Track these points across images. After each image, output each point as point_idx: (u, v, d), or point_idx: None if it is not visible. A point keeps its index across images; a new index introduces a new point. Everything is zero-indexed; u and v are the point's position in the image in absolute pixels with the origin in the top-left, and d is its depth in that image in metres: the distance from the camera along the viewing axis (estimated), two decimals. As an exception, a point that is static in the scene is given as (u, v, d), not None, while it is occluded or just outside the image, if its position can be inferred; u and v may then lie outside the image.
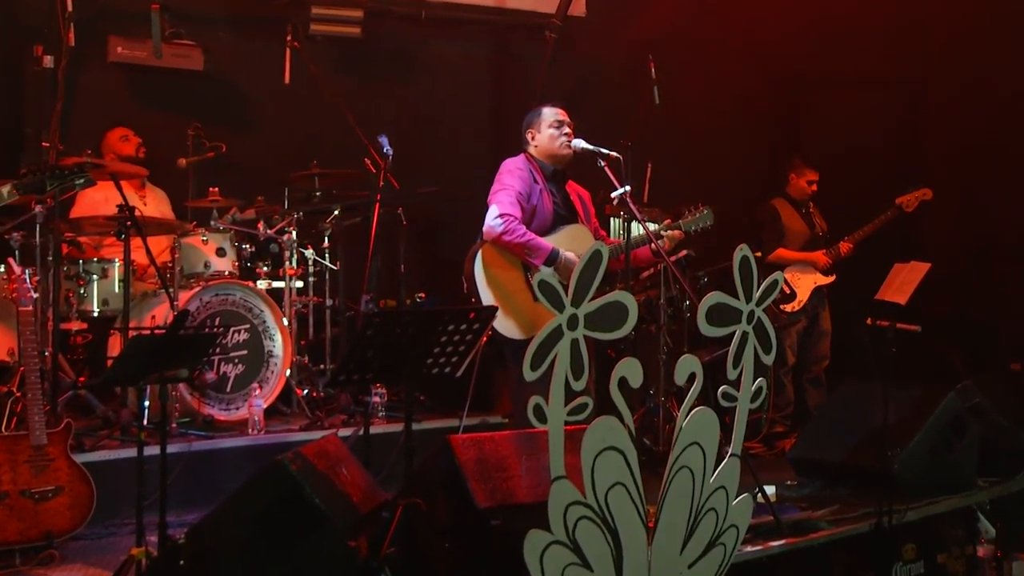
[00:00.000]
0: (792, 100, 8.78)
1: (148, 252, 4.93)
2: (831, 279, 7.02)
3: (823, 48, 8.16)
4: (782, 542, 4.26)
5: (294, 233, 6.18)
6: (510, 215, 4.75)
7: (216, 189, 6.05)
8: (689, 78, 7.98)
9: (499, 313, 4.51)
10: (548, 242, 4.81)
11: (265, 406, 5.52)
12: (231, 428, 5.45)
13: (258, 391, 5.51)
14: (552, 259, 4.76)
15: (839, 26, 8.03)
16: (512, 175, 4.92)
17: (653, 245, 4.93)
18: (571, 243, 4.88)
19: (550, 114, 5.06)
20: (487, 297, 4.73)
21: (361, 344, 3.53)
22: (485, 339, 4.23)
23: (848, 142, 8.11)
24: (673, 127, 7.91)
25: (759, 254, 6.93)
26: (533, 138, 5.08)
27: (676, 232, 5.07)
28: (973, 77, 7.68)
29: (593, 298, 3.15)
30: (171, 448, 4.57)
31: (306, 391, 6.01)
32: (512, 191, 4.84)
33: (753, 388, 3.55)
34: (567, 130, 5.02)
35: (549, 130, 5.03)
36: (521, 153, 5.11)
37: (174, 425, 5.24)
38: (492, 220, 4.76)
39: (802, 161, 7.20)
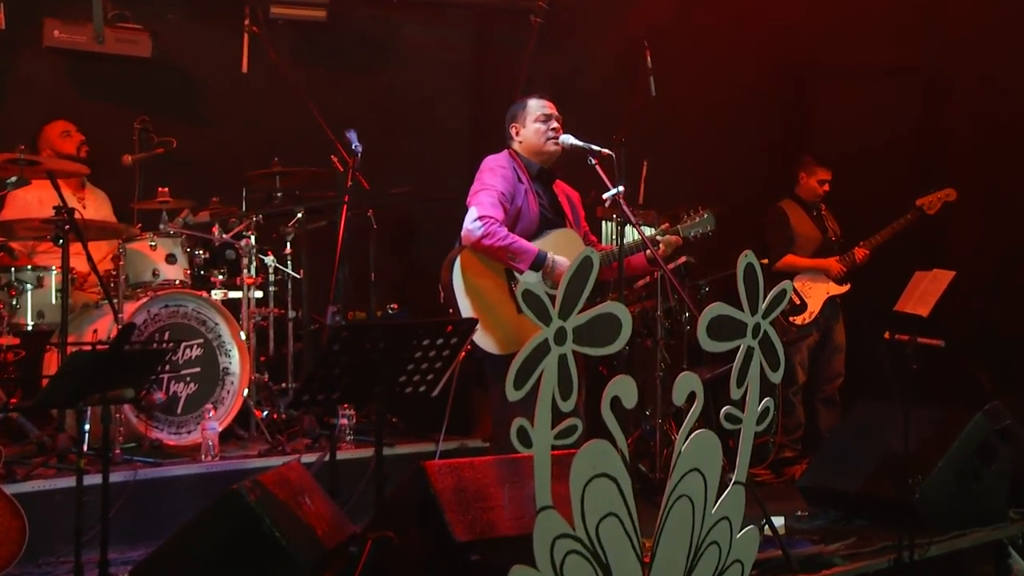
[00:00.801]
0: (801, 92, 8.84)
1: (89, 259, 4.89)
2: (845, 289, 7.06)
3: (833, 35, 8.22)
4: (792, 579, 4.27)
5: (253, 238, 6.18)
6: (491, 217, 4.76)
7: (166, 189, 6.04)
8: (689, 68, 8.02)
9: (479, 326, 4.52)
10: (535, 244, 4.83)
11: (220, 429, 5.51)
12: (182, 454, 5.43)
13: (212, 413, 5.50)
14: (539, 263, 4.78)
15: (850, 11, 8.08)
16: (494, 174, 4.94)
17: (649, 251, 4.95)
18: (559, 249, 4.90)
19: (536, 107, 5.08)
20: (466, 308, 4.74)
21: (327, 360, 3.53)
22: (464, 354, 4.25)
23: (863, 138, 8.16)
24: (671, 122, 7.95)
25: (766, 261, 6.92)
26: (517, 133, 5.10)
27: (674, 237, 5.09)
28: (999, 64, 7.73)
29: (583, 309, 3.16)
30: (114, 477, 4.54)
31: (266, 413, 6.00)
32: (494, 191, 4.86)
33: (759, 409, 3.57)
34: (555, 124, 5.04)
35: (535, 124, 5.05)
36: (504, 150, 5.12)
37: (118, 451, 5.21)
38: (471, 223, 4.78)
39: (813, 159, 7.25)
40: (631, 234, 4.86)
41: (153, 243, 5.81)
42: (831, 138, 8.37)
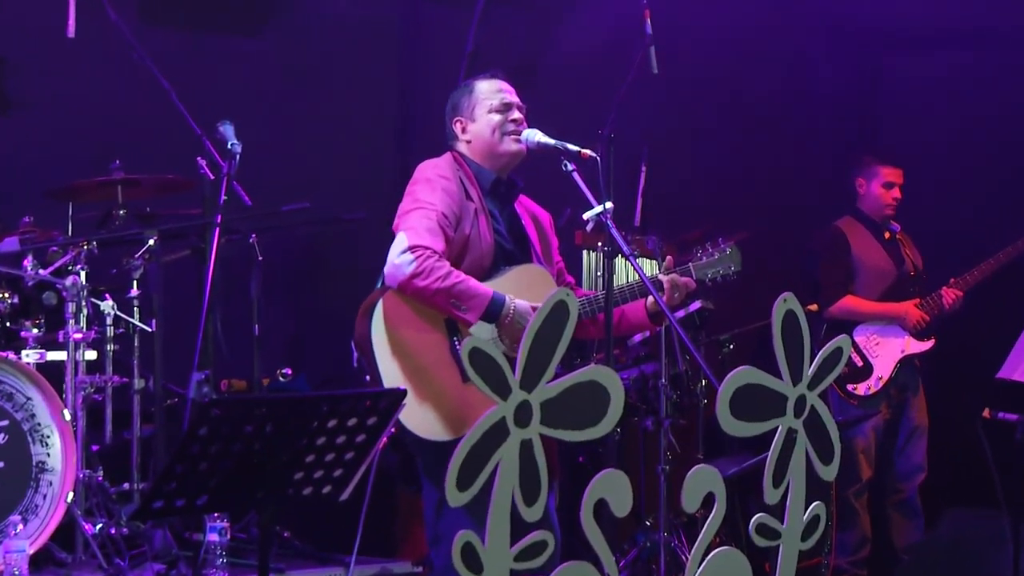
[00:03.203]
0: (863, 70, 8.94)
1: None
2: (928, 345, 7.14)
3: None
4: None
5: (83, 275, 6.16)
6: (427, 248, 4.76)
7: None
8: (703, 35, 8.12)
9: (409, 399, 4.52)
10: (486, 285, 4.84)
11: (32, 551, 5.46)
12: (-25, 589, 5.37)
13: (20, 528, 5.45)
14: (494, 311, 4.78)
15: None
16: (431, 186, 4.94)
17: (650, 301, 4.99)
18: (522, 292, 4.89)
19: (488, 91, 5.10)
20: (390, 374, 4.73)
21: (189, 450, 3.52)
22: (386, 440, 4.25)
23: (950, 132, 8.28)
24: (680, 110, 8.03)
25: (815, 307, 7.04)
26: (464, 130, 5.12)
27: (684, 279, 5.09)
28: None
29: (556, 376, 3.20)
30: None
31: (100, 526, 5.96)
32: (431, 211, 4.86)
33: (806, 518, 3.60)
34: (515, 115, 5.07)
35: (488, 116, 5.06)
36: (447, 153, 5.15)
37: None
38: (399, 256, 4.77)
39: (874, 157, 7.33)
40: (624, 271, 4.90)
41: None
42: (908, 133, 8.49)
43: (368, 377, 4.77)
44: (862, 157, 7.38)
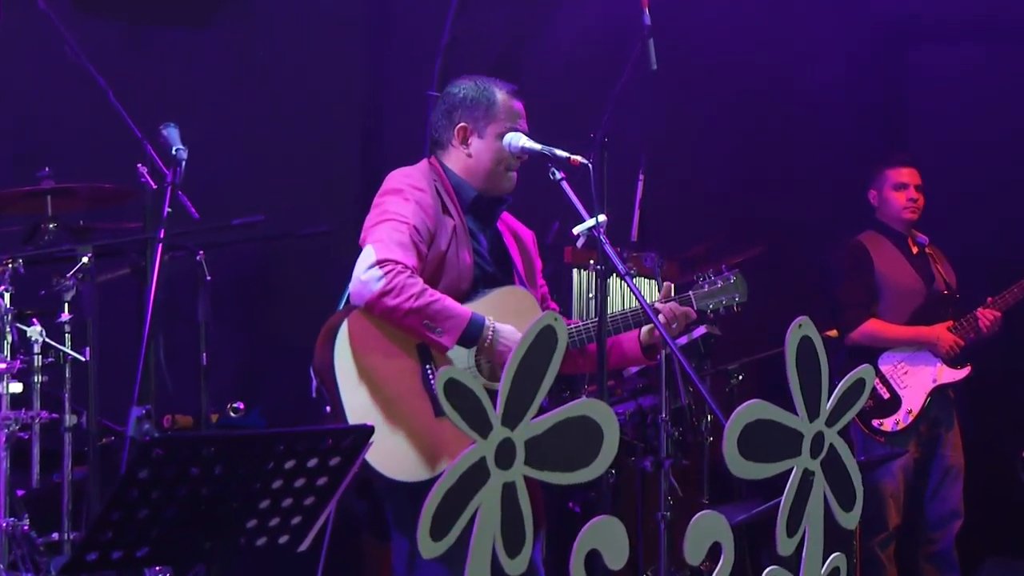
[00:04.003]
0: (885, 66, 8.96)
1: None
2: (963, 373, 7.14)
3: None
4: None
5: (7, 297, 6.14)
6: (397, 263, 4.76)
7: None
8: (707, 28, 8.14)
9: (376, 435, 4.52)
10: (466, 307, 4.84)
11: (-51, 611, 5.44)
12: None
13: (-63, 583, 5.44)
14: (473, 333, 4.78)
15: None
16: (403, 198, 4.94)
17: (643, 333, 4.99)
18: (504, 316, 4.91)
19: (508, 113, 5.03)
20: (355, 406, 4.72)
21: (128, 495, 3.52)
22: (350, 483, 4.24)
23: (984, 134, 8.29)
24: (681, 112, 8.04)
25: (835, 333, 7.04)
26: (465, 140, 5.10)
27: (684, 309, 5.09)
28: None
29: (542, 411, 3.19)
30: None
31: (26, 583, 5.95)
32: (403, 224, 4.86)
33: (824, 572, 3.60)
34: (523, 143, 5.07)
35: (498, 145, 5.01)
36: (422, 160, 5.15)
37: None
38: (366, 271, 4.76)
39: (881, 162, 7.32)
40: (619, 292, 4.90)
41: None
42: (937, 135, 8.51)
43: (328, 408, 4.76)
44: (876, 164, 7.39)
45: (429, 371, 4.81)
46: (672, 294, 5.16)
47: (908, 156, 7.40)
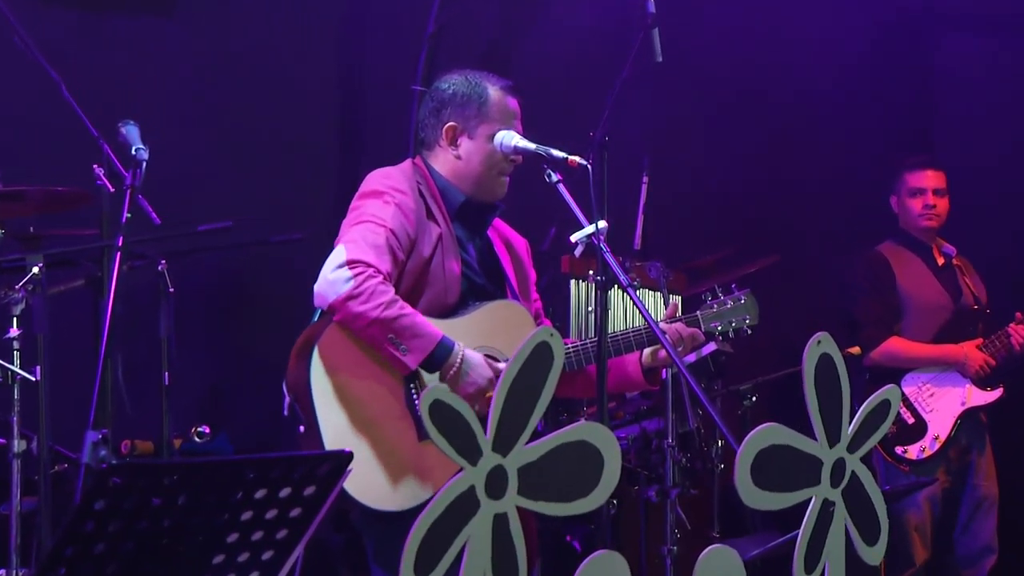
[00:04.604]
0: (913, 58, 8.98)
1: None
2: (995, 395, 7.16)
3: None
4: None
5: (-50, 310, 6.15)
6: (368, 265, 4.74)
7: None
8: (718, 15, 8.15)
9: (355, 460, 4.50)
10: (437, 327, 4.82)
11: None
12: None
13: None
14: (438, 358, 4.77)
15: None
16: (382, 201, 4.93)
17: (646, 356, 5.00)
18: (493, 333, 4.91)
19: (501, 112, 5.07)
20: (332, 427, 4.72)
21: (82, 528, 3.50)
22: (327, 515, 4.23)
23: (1015, 132, 8.31)
24: (688, 109, 8.05)
25: (857, 350, 7.04)
26: (455, 140, 5.10)
27: (692, 330, 5.10)
28: None
29: (536, 436, 3.18)
30: None
31: (-29, 623, 5.94)
32: (380, 227, 4.85)
33: (845, 611, 3.60)
34: (516, 142, 5.06)
35: (490, 146, 5.04)
36: (406, 160, 5.15)
37: None
38: (333, 271, 4.75)
39: (905, 165, 7.32)
40: (621, 306, 4.88)
41: None
42: (971, 135, 8.52)
43: (302, 428, 4.76)
44: (897, 168, 7.40)
45: (413, 390, 4.82)
46: (679, 313, 5.17)
47: (927, 158, 7.43)
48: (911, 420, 7.03)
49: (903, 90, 8.97)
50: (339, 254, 4.78)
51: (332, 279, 4.74)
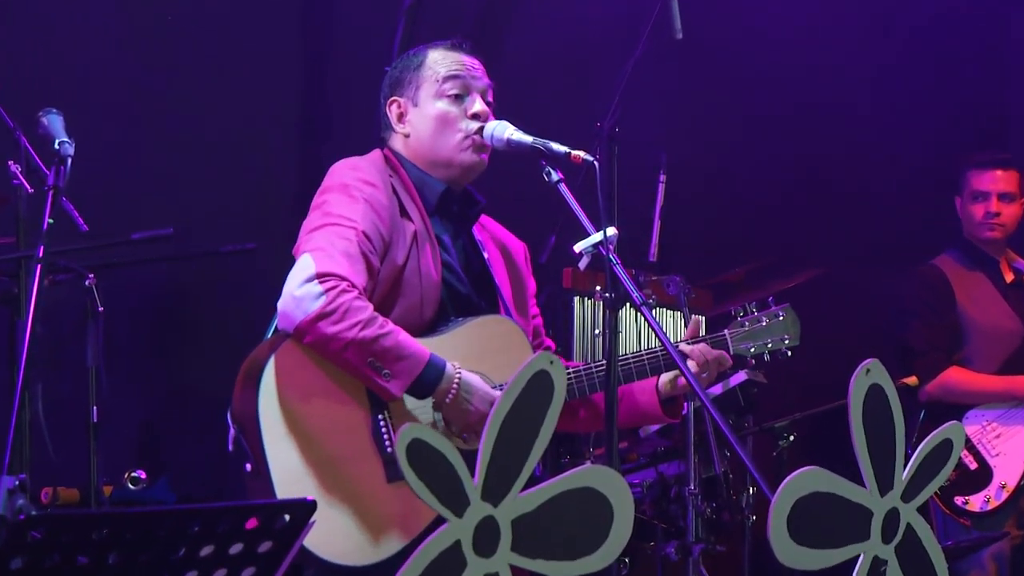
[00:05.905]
0: (982, 37, 9.01)
1: None
2: (1074, 435, 7.17)
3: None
4: None
5: None
6: (342, 279, 4.74)
7: None
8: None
9: (319, 512, 4.51)
10: (424, 345, 4.82)
11: None
12: None
13: None
14: (428, 382, 4.77)
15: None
16: (349, 196, 4.94)
17: (664, 383, 5.02)
18: (480, 356, 4.92)
19: (443, 64, 5.12)
20: (284, 466, 4.70)
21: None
22: (284, 570, 4.24)
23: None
24: (712, 98, 8.08)
25: (914, 380, 7.05)
26: (401, 117, 5.14)
27: (717, 353, 5.09)
28: None
29: (534, 482, 3.19)
30: None
31: None
32: (349, 229, 4.85)
33: None
34: (477, 106, 5.07)
35: (436, 104, 5.09)
36: (374, 151, 5.17)
37: None
38: (301, 286, 4.74)
39: (969, 162, 7.34)
40: (632, 328, 4.89)
41: None
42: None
43: (249, 466, 4.72)
44: (963, 166, 7.40)
45: (382, 423, 4.80)
46: (702, 332, 5.16)
47: (995, 156, 7.42)
48: (974, 465, 7.04)
49: (973, 73, 8.98)
50: (306, 266, 4.73)
51: (300, 296, 4.69)
